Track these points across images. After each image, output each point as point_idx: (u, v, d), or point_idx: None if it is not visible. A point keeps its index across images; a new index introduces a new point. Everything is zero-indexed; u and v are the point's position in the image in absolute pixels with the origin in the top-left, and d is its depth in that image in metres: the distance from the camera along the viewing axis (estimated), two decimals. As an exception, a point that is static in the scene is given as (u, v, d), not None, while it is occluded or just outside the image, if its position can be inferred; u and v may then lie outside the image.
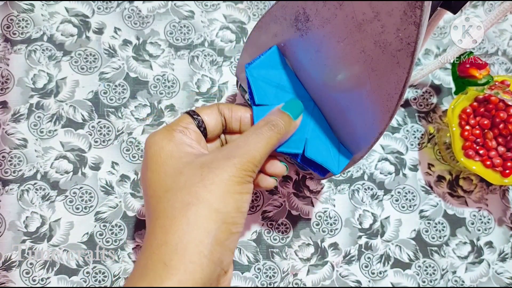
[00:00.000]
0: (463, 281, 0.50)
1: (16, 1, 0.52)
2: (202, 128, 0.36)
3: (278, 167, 0.37)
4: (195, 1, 0.55)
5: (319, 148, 0.39)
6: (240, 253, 0.49)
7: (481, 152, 0.48)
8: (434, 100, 0.55)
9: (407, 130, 0.54)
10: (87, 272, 0.46)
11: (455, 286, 0.50)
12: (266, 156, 0.33)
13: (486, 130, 0.48)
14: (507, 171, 0.47)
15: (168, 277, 0.28)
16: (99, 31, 0.53)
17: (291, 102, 0.37)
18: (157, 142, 0.33)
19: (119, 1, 0.54)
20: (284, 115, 0.35)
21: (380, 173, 0.52)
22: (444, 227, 0.52)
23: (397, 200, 0.52)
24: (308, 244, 0.49)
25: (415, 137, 0.54)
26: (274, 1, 0.37)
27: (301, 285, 0.48)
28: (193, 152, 0.33)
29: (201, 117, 0.36)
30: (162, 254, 0.29)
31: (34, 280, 0.46)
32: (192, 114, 0.36)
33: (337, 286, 0.49)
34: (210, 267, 0.29)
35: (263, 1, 0.56)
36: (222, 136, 0.40)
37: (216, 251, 0.30)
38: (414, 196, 0.52)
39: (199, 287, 0.29)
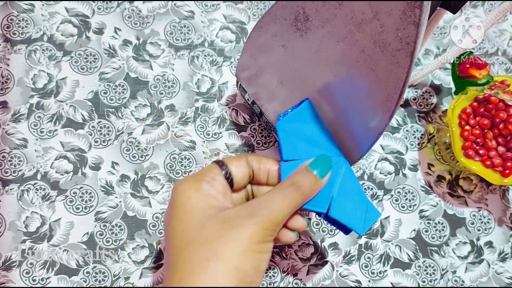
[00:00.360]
0: (463, 281, 0.50)
1: (16, 1, 0.52)
2: (229, 179, 0.36)
3: (300, 222, 0.37)
4: (195, 1, 0.55)
5: (345, 207, 0.38)
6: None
7: (481, 152, 0.48)
8: (434, 100, 0.55)
9: (407, 130, 0.54)
10: (87, 272, 0.46)
11: (455, 286, 0.50)
12: (288, 216, 0.34)
13: (486, 130, 0.48)
14: (507, 171, 0.47)
15: None
16: (99, 31, 0.53)
17: (319, 159, 0.36)
18: (184, 192, 0.33)
19: (119, 1, 0.54)
20: (310, 175, 0.34)
21: (380, 173, 0.52)
22: (444, 227, 0.52)
23: (397, 200, 0.52)
24: (308, 244, 0.49)
25: (415, 137, 0.54)
26: (274, 1, 0.37)
27: (301, 285, 0.48)
28: (218, 205, 0.33)
29: (229, 168, 0.36)
30: None
31: (34, 280, 0.46)
32: (220, 164, 0.36)
33: (337, 286, 0.49)
34: None
35: (263, 1, 0.56)
36: (249, 186, 0.39)
37: None
38: (414, 196, 0.52)
39: None
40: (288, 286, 0.48)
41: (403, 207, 0.52)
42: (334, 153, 0.39)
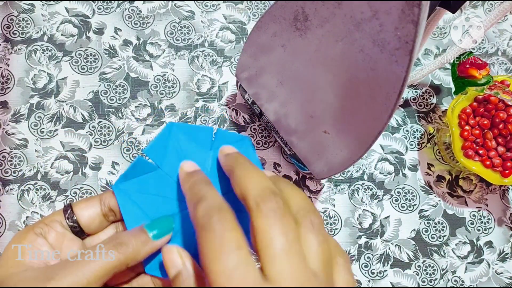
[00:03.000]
0: (463, 281, 0.50)
1: (16, 1, 0.52)
2: (75, 224, 0.31)
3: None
4: (195, 2, 0.55)
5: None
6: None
7: (480, 152, 0.48)
8: (433, 100, 0.55)
9: (407, 130, 0.54)
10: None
11: (455, 286, 0.50)
12: (100, 280, 0.28)
13: (485, 130, 0.48)
14: (507, 171, 0.47)
15: None
16: (100, 31, 0.53)
17: (159, 220, 0.31)
18: (9, 244, 0.29)
19: (120, 1, 0.54)
20: (141, 235, 0.30)
21: (380, 173, 0.52)
22: (444, 227, 0.52)
23: (396, 200, 0.52)
24: (308, 244, 0.49)
25: (414, 137, 0.54)
26: (274, 1, 0.37)
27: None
28: (32, 266, 0.29)
29: (75, 213, 0.32)
30: None
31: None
32: (66, 210, 0.32)
33: (337, 286, 0.49)
34: None
35: (263, 1, 0.56)
36: (121, 226, 0.35)
37: None
38: (413, 196, 0.52)
39: None
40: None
41: (403, 207, 0.52)
42: (181, 207, 0.33)
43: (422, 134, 0.54)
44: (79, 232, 0.32)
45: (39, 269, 0.28)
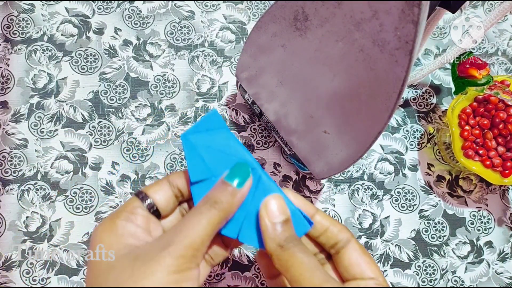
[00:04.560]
0: (463, 281, 0.50)
1: (16, 1, 0.52)
2: (153, 209, 0.33)
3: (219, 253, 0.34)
4: (195, 2, 0.55)
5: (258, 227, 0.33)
6: (240, 253, 0.49)
7: (480, 152, 0.48)
8: (433, 100, 0.55)
9: (407, 130, 0.54)
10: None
11: (455, 286, 0.50)
12: (210, 238, 0.30)
13: (485, 130, 0.48)
14: (507, 171, 0.47)
15: None
16: (100, 31, 0.53)
17: (235, 167, 0.32)
18: (97, 235, 0.30)
19: (119, 1, 0.54)
20: (227, 188, 0.31)
21: (380, 173, 0.52)
22: (444, 227, 0.52)
23: (396, 200, 0.52)
24: (308, 244, 0.49)
25: (414, 137, 0.54)
26: (274, 1, 0.37)
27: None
28: (134, 243, 0.30)
29: (150, 197, 0.33)
30: None
31: (34, 280, 0.46)
32: (140, 196, 0.33)
33: (337, 286, 0.49)
34: None
35: (263, 1, 0.56)
36: (185, 204, 0.36)
37: None
38: (414, 196, 0.52)
39: None
40: (288, 286, 0.48)
41: (403, 207, 0.52)
42: (249, 163, 0.34)
43: (422, 134, 0.54)
44: (157, 215, 0.33)
45: (149, 243, 0.30)
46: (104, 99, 0.51)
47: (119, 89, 0.51)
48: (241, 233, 0.32)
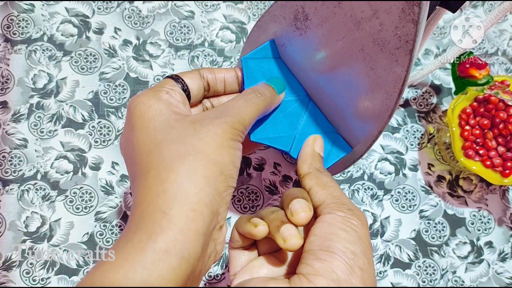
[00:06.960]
0: (463, 281, 0.50)
1: (16, 1, 0.52)
2: (186, 92, 0.35)
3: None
4: (195, 1, 0.55)
5: None
6: (240, 253, 0.49)
7: (481, 152, 0.48)
8: (434, 100, 0.55)
9: (407, 130, 0.54)
10: (88, 272, 0.46)
11: (455, 286, 0.50)
12: (253, 121, 0.34)
13: (486, 130, 0.48)
14: (507, 171, 0.47)
15: (169, 227, 0.26)
16: (99, 31, 0.53)
17: (274, 78, 0.38)
18: (143, 102, 0.31)
19: (119, 1, 0.54)
20: (269, 87, 0.36)
21: (380, 173, 0.52)
22: (444, 227, 0.52)
23: (397, 200, 0.52)
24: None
25: (415, 137, 0.54)
26: (274, 1, 0.37)
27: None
28: (181, 113, 0.32)
29: (184, 80, 0.35)
30: (160, 203, 0.27)
31: (34, 280, 0.46)
32: (175, 78, 0.35)
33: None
34: (210, 217, 0.28)
35: (263, 1, 0.56)
36: (206, 101, 0.39)
37: (216, 201, 0.28)
38: (414, 196, 0.52)
39: (201, 237, 0.27)
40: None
41: (403, 207, 0.52)
42: (298, 92, 0.41)
43: (422, 134, 0.54)
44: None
45: (198, 113, 0.32)
46: (104, 99, 0.51)
47: (119, 89, 0.51)
48: (292, 148, 0.38)
